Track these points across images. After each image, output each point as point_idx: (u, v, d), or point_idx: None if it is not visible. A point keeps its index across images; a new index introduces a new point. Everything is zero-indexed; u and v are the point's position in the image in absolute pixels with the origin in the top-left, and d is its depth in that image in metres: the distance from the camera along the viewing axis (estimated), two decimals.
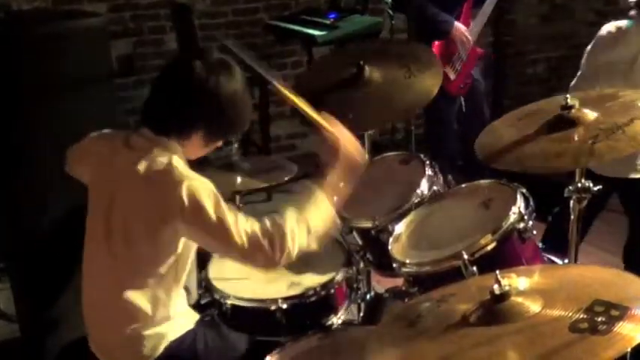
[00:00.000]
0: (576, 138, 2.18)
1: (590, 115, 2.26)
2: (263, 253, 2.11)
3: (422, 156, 2.79)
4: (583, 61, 3.48)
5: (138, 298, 2.24)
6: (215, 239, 2.15)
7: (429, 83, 2.77)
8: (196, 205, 2.10)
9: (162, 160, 2.16)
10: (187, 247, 2.28)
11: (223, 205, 2.13)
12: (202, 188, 2.12)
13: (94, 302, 2.36)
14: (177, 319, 2.36)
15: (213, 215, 2.09)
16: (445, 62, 4.43)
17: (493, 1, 4.43)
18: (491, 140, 2.41)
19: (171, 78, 2.22)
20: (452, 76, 4.49)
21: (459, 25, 4.45)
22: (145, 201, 2.16)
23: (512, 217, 2.29)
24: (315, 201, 2.18)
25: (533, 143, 2.28)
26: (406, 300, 2.63)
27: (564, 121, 2.26)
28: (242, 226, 2.11)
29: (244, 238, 2.10)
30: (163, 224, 2.14)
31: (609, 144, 2.12)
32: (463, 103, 4.60)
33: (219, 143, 2.31)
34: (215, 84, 2.15)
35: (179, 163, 2.16)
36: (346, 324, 2.62)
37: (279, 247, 2.11)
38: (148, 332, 2.28)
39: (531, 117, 2.41)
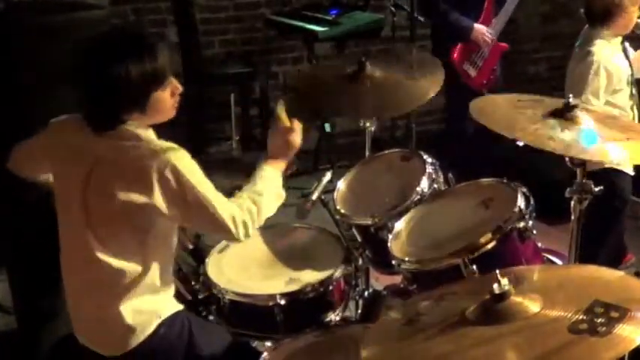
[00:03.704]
0: (567, 132, 2.26)
1: (588, 121, 2.33)
2: (232, 231, 2.25)
3: (422, 153, 2.78)
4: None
5: (119, 269, 2.23)
6: (197, 215, 2.22)
7: (427, 85, 2.79)
8: (180, 181, 2.15)
9: (133, 140, 2.19)
10: (167, 223, 2.29)
11: (204, 179, 2.21)
12: (183, 164, 2.17)
13: (74, 282, 2.36)
14: (166, 295, 2.35)
15: (196, 191, 2.17)
16: (465, 59, 4.53)
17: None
18: (487, 105, 2.50)
19: (85, 82, 2.21)
20: (472, 73, 4.57)
21: (478, 27, 4.51)
22: (126, 182, 2.17)
23: (513, 216, 2.29)
24: (265, 174, 2.40)
25: (529, 119, 2.34)
26: (405, 298, 2.62)
27: (562, 116, 2.33)
28: (224, 204, 2.23)
29: (225, 215, 2.22)
30: (146, 200, 2.16)
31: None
32: None
33: (169, 91, 2.25)
34: (125, 70, 2.13)
35: (151, 137, 2.22)
36: (344, 321, 2.63)
37: (243, 225, 2.26)
38: (134, 307, 2.26)
39: (532, 103, 2.46)
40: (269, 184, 2.38)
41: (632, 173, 3.72)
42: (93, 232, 2.25)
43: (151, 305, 2.30)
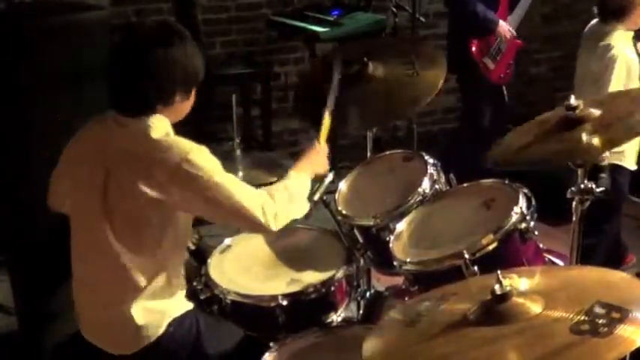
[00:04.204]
0: (584, 136, 2.20)
1: (595, 112, 2.28)
2: (262, 221, 2.25)
3: (424, 154, 2.78)
4: None
5: (134, 268, 2.24)
6: (222, 209, 2.22)
7: (431, 79, 2.77)
8: (199, 176, 2.17)
9: (156, 135, 2.21)
10: (185, 218, 2.30)
11: (224, 173, 2.23)
12: (202, 157, 2.21)
13: (87, 280, 2.36)
14: (178, 296, 2.37)
15: (218, 185, 2.19)
16: (484, 53, 4.60)
17: None
18: (502, 150, 2.44)
19: (126, 61, 2.24)
20: (491, 66, 4.64)
21: (502, 24, 4.58)
22: (145, 175, 2.18)
23: (514, 217, 2.29)
24: (295, 176, 2.47)
25: (538, 146, 2.32)
26: (406, 299, 2.62)
27: (570, 122, 2.28)
28: (250, 195, 2.25)
29: (253, 206, 2.23)
30: (165, 196, 2.18)
31: (607, 137, 2.18)
32: (505, 92, 4.73)
33: (191, 99, 2.37)
34: (164, 51, 2.22)
35: (171, 132, 2.26)
36: (346, 322, 2.62)
37: (273, 215, 2.28)
38: (147, 306, 2.27)
39: (543, 124, 2.41)
40: (299, 183, 2.45)
41: (632, 168, 3.71)
42: (112, 229, 2.24)
43: (162, 305, 2.30)
